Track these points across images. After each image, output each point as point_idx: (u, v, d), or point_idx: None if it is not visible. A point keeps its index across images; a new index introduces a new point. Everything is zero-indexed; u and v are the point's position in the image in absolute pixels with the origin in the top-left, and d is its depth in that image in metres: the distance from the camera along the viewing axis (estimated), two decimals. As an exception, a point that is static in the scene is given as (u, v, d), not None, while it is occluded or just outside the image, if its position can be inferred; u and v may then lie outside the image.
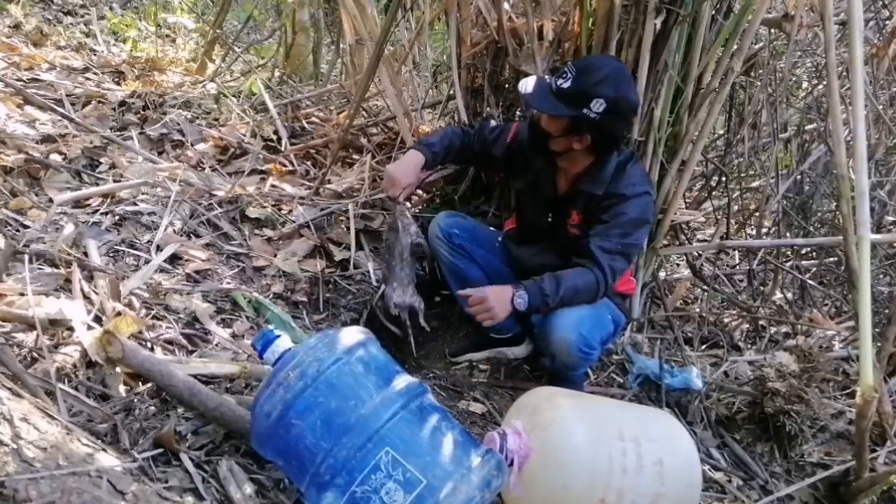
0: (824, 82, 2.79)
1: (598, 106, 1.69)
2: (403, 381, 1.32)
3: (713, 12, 2.14)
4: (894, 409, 1.90)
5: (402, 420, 1.23)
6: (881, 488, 1.73)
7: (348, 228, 2.46)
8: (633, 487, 1.40)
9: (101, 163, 2.44)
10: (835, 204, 3.13)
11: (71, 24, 4.21)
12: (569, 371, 1.92)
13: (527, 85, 1.80)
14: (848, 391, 2.21)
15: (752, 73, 2.62)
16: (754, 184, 3.52)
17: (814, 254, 3.33)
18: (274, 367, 1.29)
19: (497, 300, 1.72)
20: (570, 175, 1.93)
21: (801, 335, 2.36)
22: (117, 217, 2.09)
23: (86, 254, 1.83)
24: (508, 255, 2.14)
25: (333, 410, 1.21)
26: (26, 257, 1.64)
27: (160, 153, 2.74)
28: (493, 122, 2.24)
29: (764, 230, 3.26)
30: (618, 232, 1.80)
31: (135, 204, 2.18)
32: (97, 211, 2.08)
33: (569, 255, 1.86)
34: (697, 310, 2.88)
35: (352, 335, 1.33)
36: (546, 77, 1.84)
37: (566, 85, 1.71)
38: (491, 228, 2.25)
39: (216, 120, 3.14)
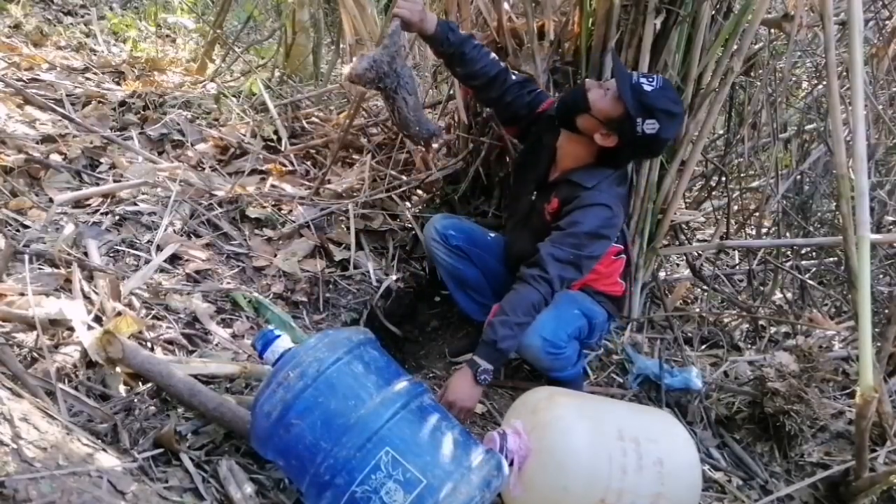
0: (824, 82, 2.79)
1: (650, 126, 1.68)
2: (403, 380, 1.32)
3: (713, 12, 2.14)
4: (894, 409, 1.90)
5: (402, 420, 1.23)
6: (881, 488, 1.73)
7: (348, 228, 2.47)
8: (632, 487, 1.40)
9: (101, 163, 2.44)
10: (835, 204, 3.13)
11: (71, 24, 4.21)
12: (552, 373, 1.92)
13: (617, 65, 1.79)
14: (848, 391, 2.20)
15: (752, 73, 2.62)
16: (754, 184, 3.52)
17: (814, 254, 3.33)
18: (274, 367, 1.29)
19: (461, 393, 1.65)
20: (563, 167, 1.91)
21: (801, 335, 2.35)
22: (117, 217, 2.09)
23: (86, 254, 1.83)
24: (504, 254, 2.14)
25: (333, 410, 1.21)
26: (26, 257, 1.64)
27: (160, 153, 2.74)
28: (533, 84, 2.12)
29: (764, 230, 3.26)
30: (571, 242, 1.75)
31: (135, 204, 2.18)
32: (97, 211, 2.08)
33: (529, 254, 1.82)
34: (697, 310, 2.87)
35: (352, 335, 1.33)
36: (631, 71, 1.81)
37: (648, 88, 1.69)
38: (487, 230, 2.24)
39: (216, 120, 3.14)
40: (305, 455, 1.20)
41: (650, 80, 1.70)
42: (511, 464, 1.41)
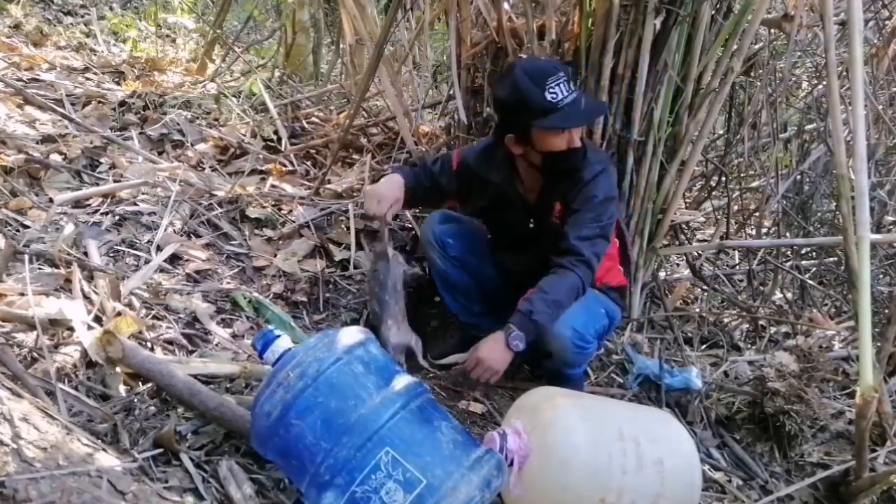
0: (824, 82, 2.79)
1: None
2: (403, 380, 1.32)
3: (713, 12, 2.14)
4: (894, 409, 1.90)
5: (402, 420, 1.23)
6: (881, 488, 1.73)
7: (348, 228, 2.46)
8: (633, 487, 1.40)
9: (101, 163, 2.44)
10: (835, 204, 3.13)
11: (71, 24, 4.21)
12: (567, 369, 1.91)
13: (583, 115, 1.77)
14: (848, 391, 2.20)
15: (752, 73, 2.62)
16: (754, 184, 3.51)
17: (814, 254, 3.33)
18: (274, 367, 1.29)
19: (491, 354, 1.67)
20: (534, 186, 1.90)
21: (801, 335, 2.35)
22: (117, 217, 2.09)
23: (86, 254, 1.83)
24: (501, 270, 2.11)
25: (333, 410, 1.21)
26: (26, 257, 1.64)
27: (160, 153, 2.74)
28: (431, 156, 2.18)
29: (764, 230, 3.26)
30: (591, 216, 1.77)
31: (135, 204, 2.18)
32: (97, 211, 2.08)
33: (552, 252, 1.82)
34: (697, 310, 2.88)
35: (352, 335, 1.33)
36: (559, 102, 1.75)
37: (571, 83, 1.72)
38: (484, 228, 2.19)
39: (216, 120, 3.14)
40: (305, 455, 1.20)
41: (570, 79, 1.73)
42: (511, 464, 1.40)
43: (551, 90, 1.66)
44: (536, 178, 1.89)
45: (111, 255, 1.92)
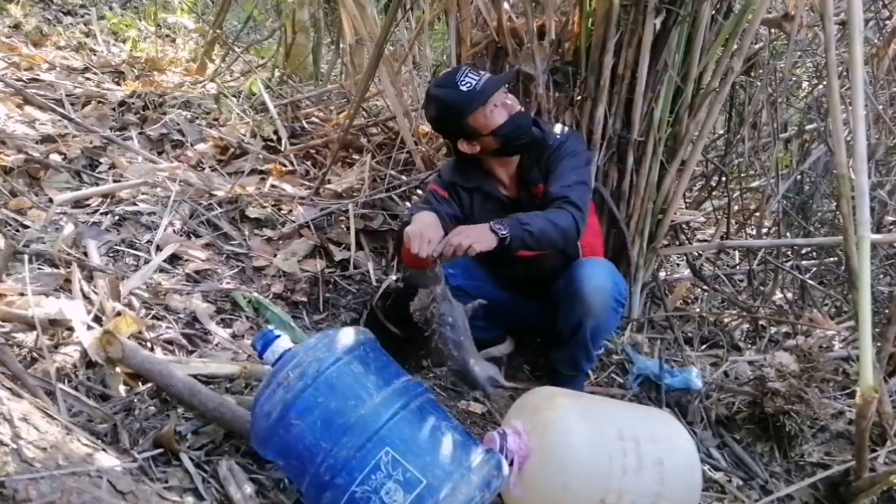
0: (824, 82, 2.79)
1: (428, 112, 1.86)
2: (403, 381, 1.32)
3: (713, 12, 2.14)
4: (894, 409, 1.89)
5: (402, 420, 1.23)
6: (881, 488, 1.73)
7: (348, 228, 2.46)
8: (633, 488, 1.40)
9: (101, 163, 2.44)
10: (835, 204, 3.13)
11: (71, 24, 4.21)
12: (595, 338, 1.87)
13: (490, 83, 1.80)
14: (848, 391, 2.20)
15: (752, 73, 2.62)
16: (754, 184, 3.52)
17: (814, 254, 3.33)
18: (274, 367, 1.29)
19: (471, 230, 1.63)
20: (508, 175, 1.92)
21: (801, 335, 2.35)
22: (117, 217, 2.08)
23: (86, 254, 1.83)
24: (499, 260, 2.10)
25: (333, 410, 1.21)
26: (26, 257, 1.64)
27: (160, 153, 2.74)
28: (412, 207, 2.14)
29: (764, 230, 3.26)
30: (569, 166, 1.81)
31: (135, 204, 2.18)
32: (97, 211, 2.08)
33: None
34: (697, 310, 2.88)
35: (352, 335, 1.33)
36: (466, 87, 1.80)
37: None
38: None
39: (216, 120, 3.14)
40: (305, 455, 1.20)
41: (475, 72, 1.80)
42: (511, 464, 1.40)
43: (463, 83, 1.77)
44: (508, 169, 1.91)
45: (111, 255, 1.92)
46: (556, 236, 1.69)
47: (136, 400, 1.40)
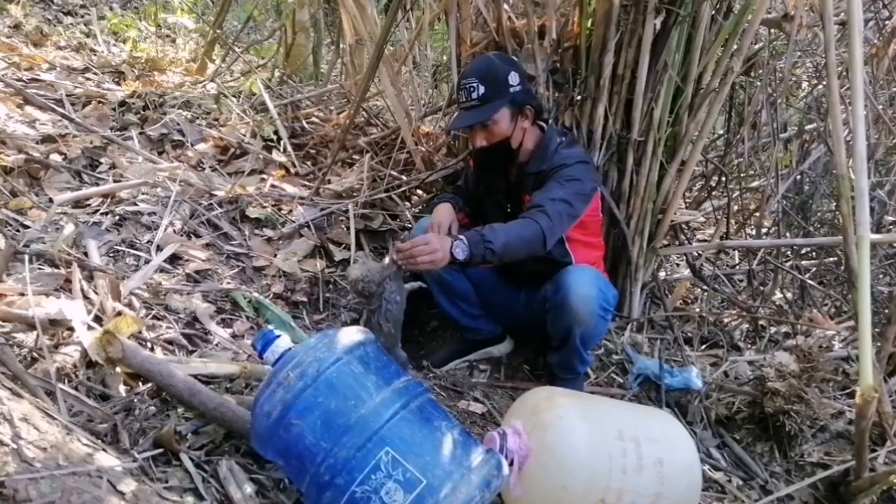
0: (824, 82, 2.79)
1: (513, 78, 1.87)
2: (403, 380, 1.32)
3: (713, 12, 2.14)
4: (894, 409, 1.89)
5: (402, 420, 1.23)
6: (881, 488, 1.73)
7: (348, 228, 2.47)
8: (632, 487, 1.40)
9: (101, 163, 2.44)
10: (835, 204, 3.13)
11: (71, 24, 4.21)
12: (585, 344, 1.90)
13: (459, 122, 1.98)
14: (848, 391, 2.20)
15: (752, 73, 2.62)
16: (754, 184, 3.52)
17: (814, 254, 3.33)
18: (274, 367, 1.29)
19: (440, 245, 1.63)
20: (521, 160, 1.98)
21: (801, 335, 2.35)
22: (117, 217, 2.08)
23: (86, 254, 1.83)
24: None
25: (333, 410, 1.21)
26: (26, 257, 1.64)
27: (160, 153, 2.74)
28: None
29: (764, 230, 3.26)
30: (560, 182, 1.84)
31: (135, 204, 2.18)
32: (97, 211, 2.08)
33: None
34: (697, 310, 2.88)
35: (352, 335, 1.33)
36: (461, 105, 1.94)
37: (482, 89, 1.84)
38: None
39: (216, 120, 3.14)
40: (305, 455, 1.20)
41: (471, 87, 1.87)
42: (511, 464, 1.40)
43: (461, 89, 1.89)
44: (530, 141, 2.00)
45: (111, 255, 1.92)
46: (518, 249, 1.72)
47: (136, 400, 1.40)
